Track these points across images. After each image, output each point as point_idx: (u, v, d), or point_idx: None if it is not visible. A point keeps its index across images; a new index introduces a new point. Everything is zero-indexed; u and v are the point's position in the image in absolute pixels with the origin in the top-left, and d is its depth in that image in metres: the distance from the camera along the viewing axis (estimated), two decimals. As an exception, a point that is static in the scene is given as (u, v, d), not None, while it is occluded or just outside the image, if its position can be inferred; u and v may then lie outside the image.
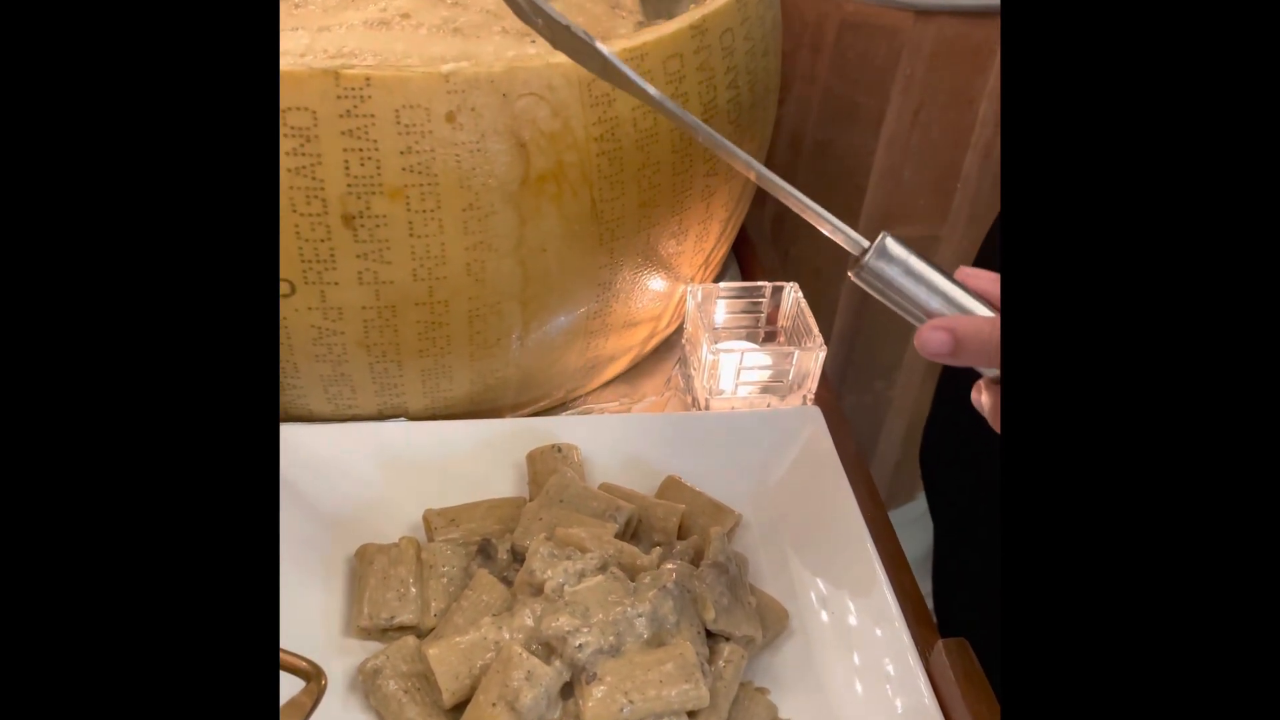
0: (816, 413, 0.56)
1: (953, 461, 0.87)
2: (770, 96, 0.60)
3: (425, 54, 0.58)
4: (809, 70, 0.99)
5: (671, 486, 0.53)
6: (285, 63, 0.55)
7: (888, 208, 1.06)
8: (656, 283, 0.57)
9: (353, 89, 0.43)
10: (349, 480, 0.52)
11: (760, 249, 0.71)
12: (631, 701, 0.40)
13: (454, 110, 0.44)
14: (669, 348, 0.65)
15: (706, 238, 0.59)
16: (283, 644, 0.40)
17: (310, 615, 0.47)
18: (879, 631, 0.46)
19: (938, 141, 1.01)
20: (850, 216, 1.07)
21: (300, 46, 0.57)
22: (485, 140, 0.45)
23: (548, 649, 0.41)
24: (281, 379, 0.51)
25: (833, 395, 0.61)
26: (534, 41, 0.59)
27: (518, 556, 0.48)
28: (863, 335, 1.20)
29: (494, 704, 0.40)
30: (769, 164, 0.66)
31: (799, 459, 0.55)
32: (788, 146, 1.05)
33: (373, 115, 0.43)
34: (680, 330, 0.65)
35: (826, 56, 0.99)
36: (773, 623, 0.47)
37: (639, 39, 0.48)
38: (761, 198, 1.09)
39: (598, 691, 0.40)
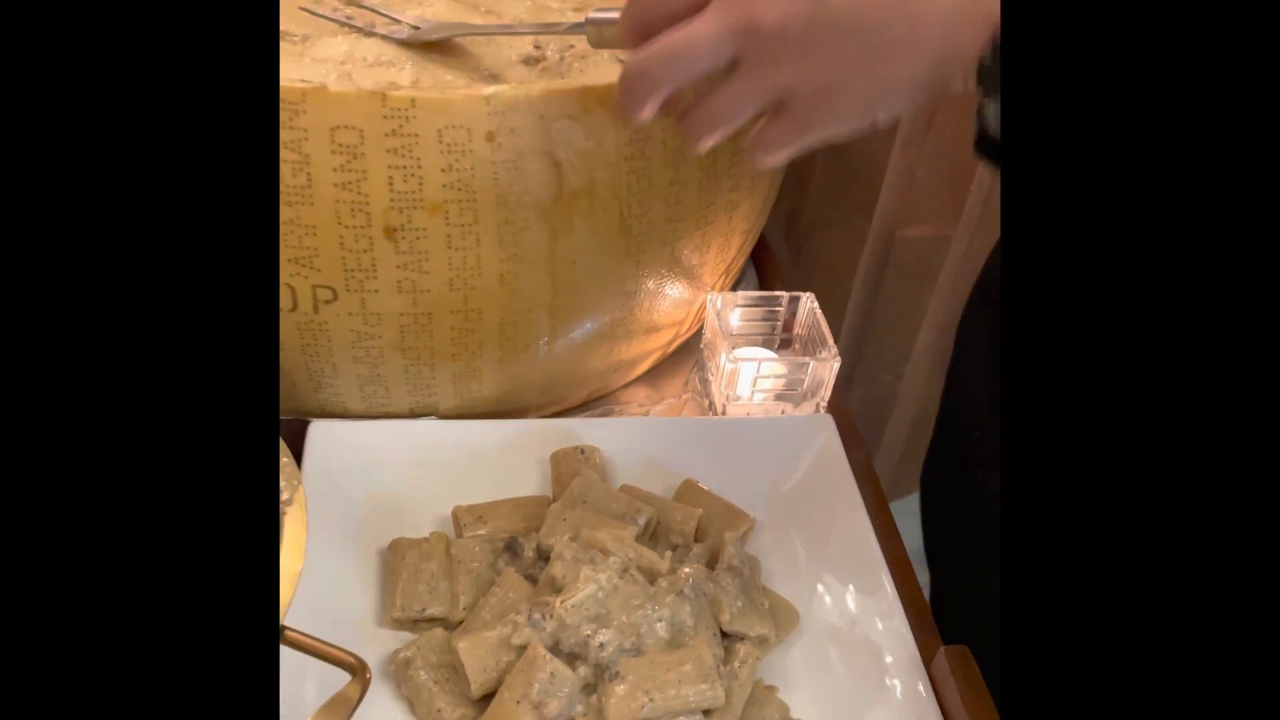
0: (829, 420, 0.58)
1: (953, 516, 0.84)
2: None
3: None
4: (828, 71, 1.00)
5: (689, 489, 0.55)
6: (331, 78, 0.57)
7: (901, 207, 1.08)
8: (679, 291, 0.59)
9: (398, 109, 0.45)
10: (382, 475, 0.54)
11: (778, 255, 0.73)
12: (652, 700, 0.42)
13: (494, 130, 0.46)
14: (689, 350, 0.68)
15: (728, 249, 0.61)
16: (319, 632, 0.43)
17: (345, 604, 0.50)
18: (884, 635, 0.49)
19: (952, 144, 1.03)
20: (864, 215, 1.09)
21: (340, 54, 0.59)
22: (522, 159, 0.47)
23: (571, 656, 0.44)
24: (320, 379, 0.53)
25: (844, 403, 0.63)
26: (571, 46, 0.61)
27: (543, 555, 0.50)
28: (873, 330, 1.22)
29: (518, 701, 0.42)
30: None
31: (812, 465, 0.57)
32: (805, 145, 1.06)
33: (417, 134, 0.46)
34: (700, 334, 0.67)
35: (846, 59, 1.00)
36: (785, 623, 0.50)
37: (671, 63, 0.50)
38: (779, 201, 1.11)
39: (620, 689, 0.42)
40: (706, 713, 0.44)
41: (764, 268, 0.73)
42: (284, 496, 0.43)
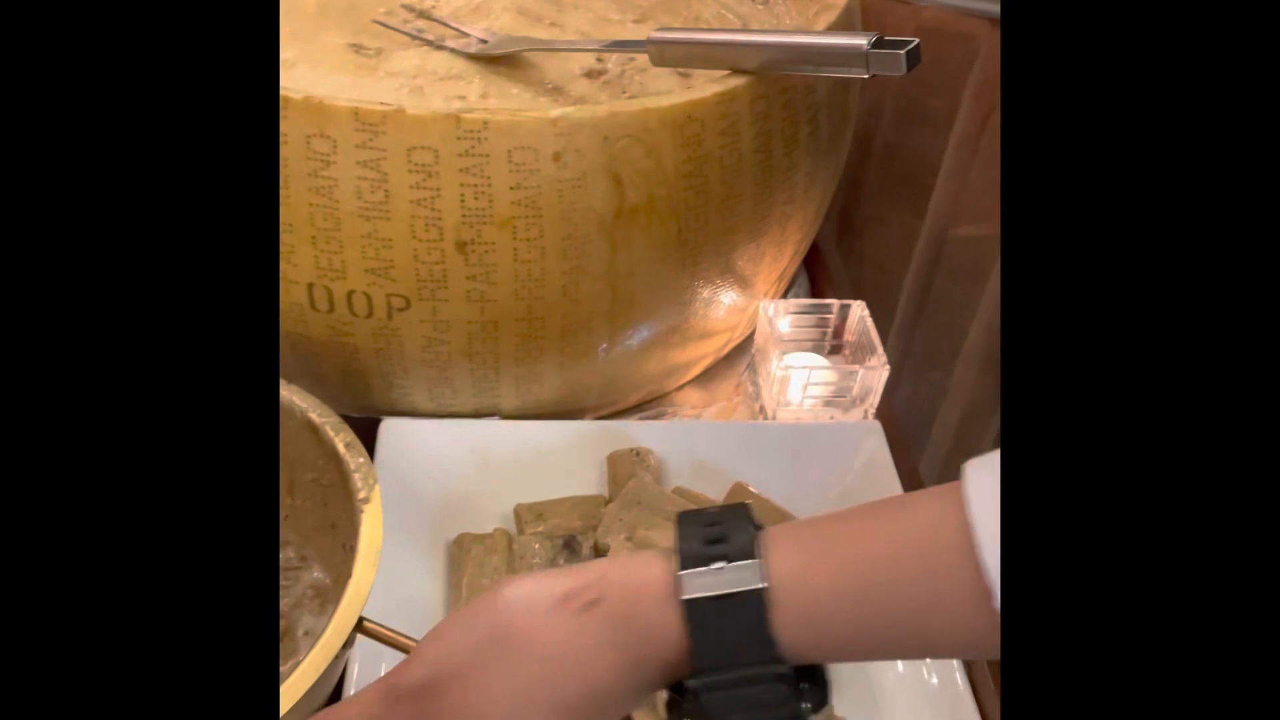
0: (877, 427, 0.60)
1: None
2: (847, 125, 0.64)
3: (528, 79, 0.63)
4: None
5: (738, 492, 0.58)
6: (404, 93, 0.59)
7: (953, 207, 1.09)
8: (732, 299, 0.61)
9: (471, 131, 0.48)
10: (447, 472, 0.57)
11: (829, 260, 0.75)
12: (702, 694, 0.45)
13: (560, 150, 0.49)
14: (740, 353, 0.70)
15: (781, 258, 0.63)
16: (388, 618, 0.46)
17: (413, 594, 0.53)
18: (926, 638, 0.51)
19: (1006, 145, 1.03)
20: (916, 214, 1.10)
21: (412, 68, 0.62)
22: (586, 177, 0.50)
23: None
24: (392, 379, 0.56)
25: (893, 398, 0.65)
26: (632, 59, 0.63)
27: (599, 552, 0.53)
28: (923, 326, 1.23)
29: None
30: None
31: (859, 470, 0.59)
32: (858, 145, 1.07)
33: (488, 155, 0.48)
34: (751, 337, 0.69)
35: (901, 61, 1.01)
36: (828, 624, 0.52)
37: (729, 84, 0.52)
38: (832, 200, 1.11)
39: (672, 683, 0.45)
40: (753, 707, 0.46)
41: (816, 272, 0.75)
42: (361, 495, 0.46)
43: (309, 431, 0.48)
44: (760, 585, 0.32)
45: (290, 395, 0.48)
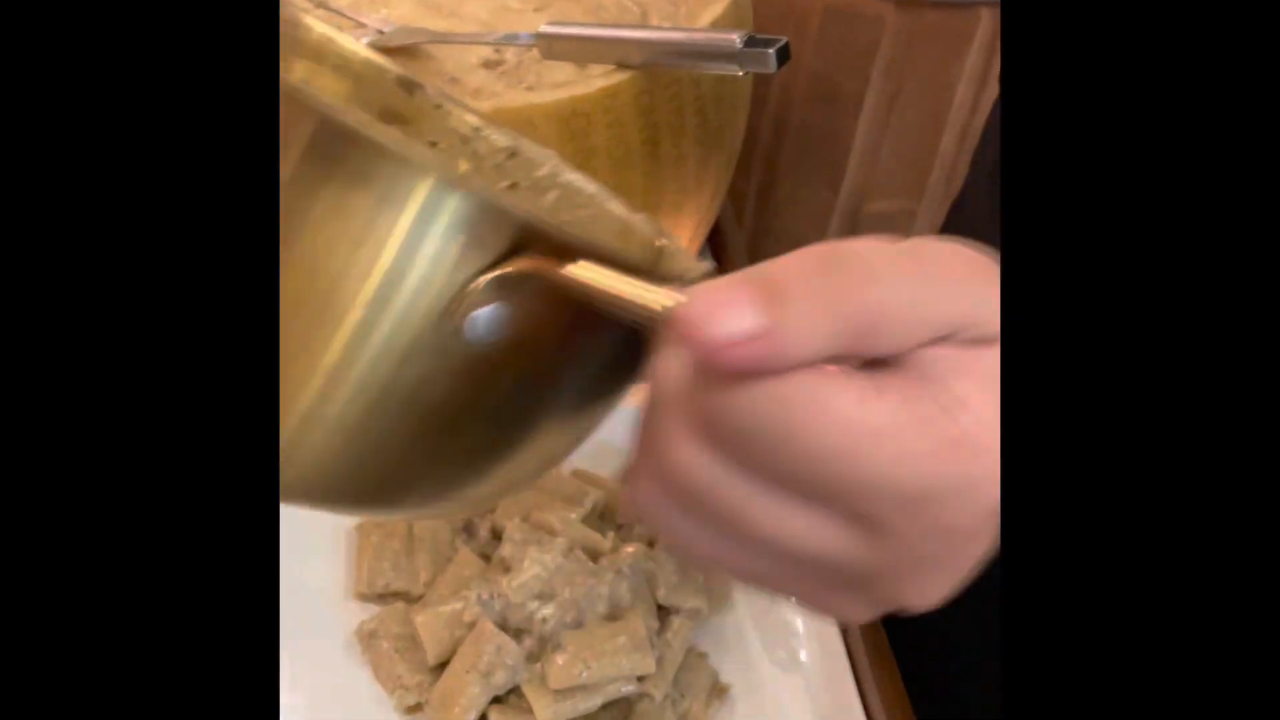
0: (770, 405, 0.63)
1: None
2: (739, 114, 0.66)
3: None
4: (794, 55, 1.03)
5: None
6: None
7: (866, 184, 1.12)
8: (630, 285, 0.63)
9: (356, 129, 0.49)
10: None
11: (732, 243, 0.77)
12: (589, 668, 0.47)
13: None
14: (643, 335, 0.72)
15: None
16: (292, 605, 0.47)
17: (318, 579, 0.54)
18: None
19: (915, 123, 1.06)
20: (830, 191, 1.12)
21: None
22: (473, 172, 0.51)
23: (517, 631, 0.48)
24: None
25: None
26: (529, 50, 0.64)
27: (496, 534, 0.55)
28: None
29: (467, 671, 0.47)
30: (752, 143, 0.70)
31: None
32: (772, 125, 1.09)
33: (374, 152, 0.49)
34: (654, 320, 0.71)
35: (811, 42, 1.03)
36: (718, 596, 0.55)
37: (614, 79, 0.53)
38: (749, 177, 1.14)
39: (560, 659, 0.47)
40: (641, 678, 0.49)
41: (719, 254, 0.77)
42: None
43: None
44: None
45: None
